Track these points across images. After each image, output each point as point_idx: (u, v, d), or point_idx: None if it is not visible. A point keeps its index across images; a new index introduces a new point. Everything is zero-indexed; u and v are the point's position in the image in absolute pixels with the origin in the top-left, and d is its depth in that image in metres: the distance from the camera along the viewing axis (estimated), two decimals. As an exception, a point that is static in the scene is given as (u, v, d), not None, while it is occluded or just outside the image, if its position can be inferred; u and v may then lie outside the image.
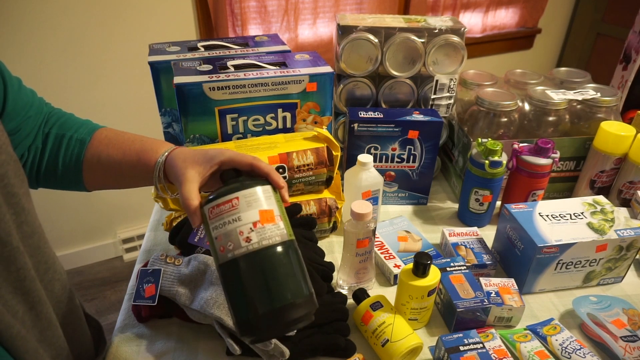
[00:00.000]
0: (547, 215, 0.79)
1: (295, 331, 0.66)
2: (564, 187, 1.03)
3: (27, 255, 0.52)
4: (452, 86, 1.01)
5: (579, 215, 0.79)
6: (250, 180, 0.54)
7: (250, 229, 0.50)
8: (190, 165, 0.57)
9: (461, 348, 0.63)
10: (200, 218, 0.53)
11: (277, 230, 0.52)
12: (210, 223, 0.52)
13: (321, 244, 0.89)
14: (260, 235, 0.51)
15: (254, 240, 0.50)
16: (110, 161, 0.63)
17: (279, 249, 0.51)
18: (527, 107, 0.98)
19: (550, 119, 0.96)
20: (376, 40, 0.95)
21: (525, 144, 0.90)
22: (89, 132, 0.65)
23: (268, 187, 0.55)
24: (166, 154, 0.61)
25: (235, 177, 0.56)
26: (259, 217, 0.51)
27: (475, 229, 0.88)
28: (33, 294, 0.52)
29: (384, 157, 0.95)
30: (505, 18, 2.55)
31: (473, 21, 2.44)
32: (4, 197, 0.48)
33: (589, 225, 0.77)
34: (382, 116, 0.92)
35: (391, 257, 0.83)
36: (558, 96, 0.95)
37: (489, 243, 0.87)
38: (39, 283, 0.54)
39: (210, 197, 0.53)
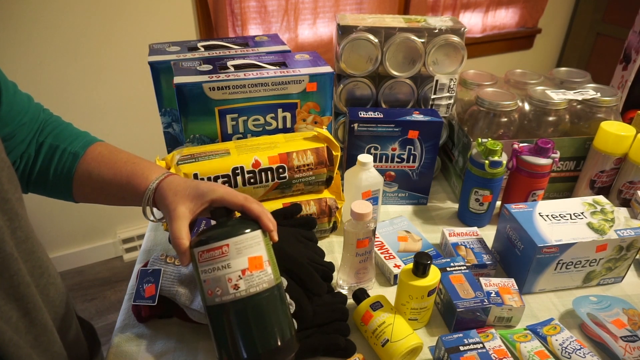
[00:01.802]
0: (547, 215, 0.79)
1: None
2: (564, 187, 1.03)
3: (21, 260, 0.51)
4: (452, 86, 1.01)
5: (579, 215, 0.79)
6: (240, 224, 0.55)
7: (239, 276, 0.52)
8: (181, 201, 0.57)
9: (461, 348, 0.63)
10: (190, 258, 0.54)
11: (265, 277, 0.53)
12: (200, 266, 0.53)
13: (321, 244, 0.89)
14: (248, 283, 0.52)
15: (241, 288, 0.51)
16: (100, 180, 0.63)
17: (266, 295, 0.53)
18: (527, 107, 0.98)
19: (550, 119, 0.96)
20: (376, 40, 0.95)
21: (525, 144, 0.90)
22: (84, 146, 0.65)
23: (258, 232, 0.55)
24: (156, 182, 0.60)
25: (225, 215, 0.57)
26: (247, 265, 0.52)
27: (475, 229, 0.88)
28: (27, 299, 0.52)
29: (384, 157, 0.95)
30: (505, 18, 2.55)
31: (473, 21, 2.44)
32: None
33: (589, 225, 0.77)
34: (382, 116, 0.92)
35: (391, 257, 0.83)
36: (558, 96, 0.95)
37: (489, 243, 0.87)
38: (34, 288, 0.53)
39: (201, 239, 0.53)
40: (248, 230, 0.54)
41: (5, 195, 0.49)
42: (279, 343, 0.52)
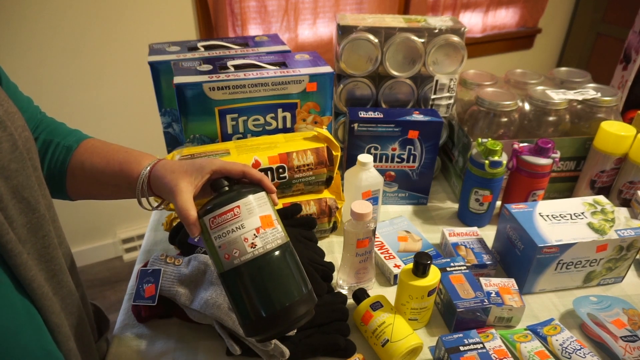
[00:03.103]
0: (547, 216, 0.79)
1: (296, 330, 0.66)
2: (564, 187, 1.03)
3: (50, 222, 0.54)
4: (452, 86, 1.01)
5: (579, 215, 0.79)
6: (245, 188, 0.56)
7: (254, 235, 0.53)
8: (180, 177, 0.57)
9: (461, 348, 0.63)
10: (200, 228, 0.54)
11: (277, 234, 0.54)
12: (212, 232, 0.53)
13: (321, 244, 0.89)
14: (263, 240, 0.53)
15: (258, 246, 0.52)
16: (93, 169, 0.63)
17: (281, 251, 0.54)
18: (527, 107, 0.98)
19: (551, 119, 0.96)
20: (376, 40, 0.95)
21: (526, 144, 0.90)
22: (77, 140, 0.65)
23: (263, 194, 0.57)
24: (149, 166, 0.61)
25: (226, 185, 0.58)
26: (260, 223, 0.53)
27: (475, 229, 0.88)
28: (55, 261, 0.54)
29: (384, 157, 0.95)
30: (505, 18, 2.55)
31: (473, 21, 2.44)
32: (33, 169, 0.51)
33: (590, 225, 0.77)
34: (382, 116, 0.92)
35: (391, 257, 0.83)
36: (558, 96, 0.95)
37: (489, 243, 0.87)
38: (59, 251, 0.55)
39: (209, 207, 0.54)
40: (254, 192, 0.55)
41: (35, 164, 0.53)
42: (300, 297, 0.53)
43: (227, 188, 0.57)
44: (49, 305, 0.51)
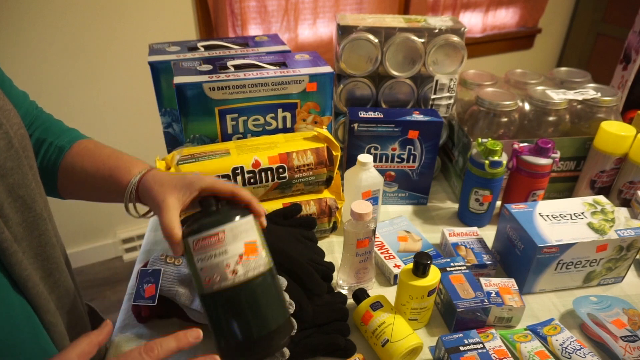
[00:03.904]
0: (547, 215, 0.79)
1: (296, 330, 0.66)
2: (564, 187, 1.03)
3: (48, 221, 0.54)
4: (452, 86, 1.01)
5: (579, 215, 0.79)
6: (232, 211, 0.55)
7: (237, 262, 0.52)
8: (169, 191, 0.56)
9: (461, 348, 0.63)
10: (183, 248, 0.54)
11: (261, 261, 0.54)
12: (195, 254, 0.53)
13: (321, 244, 0.89)
14: (245, 267, 0.52)
15: (240, 273, 0.52)
16: (83, 173, 0.63)
17: (262, 279, 0.53)
18: (527, 107, 0.98)
19: (551, 119, 0.96)
20: (376, 40, 0.95)
21: (526, 144, 0.90)
22: (70, 140, 0.65)
23: (250, 218, 0.56)
24: (139, 176, 0.60)
25: (214, 204, 0.57)
26: (244, 250, 0.53)
27: (475, 229, 0.88)
28: (52, 260, 0.54)
29: (384, 157, 0.95)
30: (505, 18, 2.55)
31: (473, 21, 2.44)
32: (29, 167, 0.51)
33: (589, 225, 0.77)
34: (382, 116, 0.92)
35: (391, 257, 0.83)
36: (558, 96, 0.95)
37: (489, 243, 0.87)
38: (58, 250, 0.56)
39: (195, 228, 0.53)
40: (242, 216, 0.54)
41: (31, 162, 0.53)
42: (277, 325, 0.53)
43: (214, 208, 0.56)
44: (44, 304, 0.51)
